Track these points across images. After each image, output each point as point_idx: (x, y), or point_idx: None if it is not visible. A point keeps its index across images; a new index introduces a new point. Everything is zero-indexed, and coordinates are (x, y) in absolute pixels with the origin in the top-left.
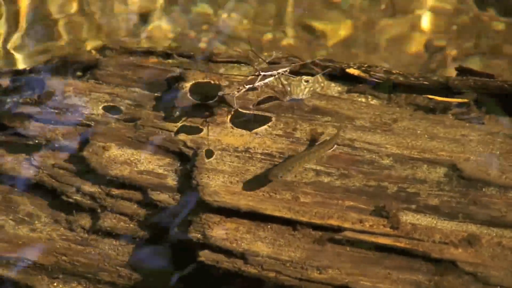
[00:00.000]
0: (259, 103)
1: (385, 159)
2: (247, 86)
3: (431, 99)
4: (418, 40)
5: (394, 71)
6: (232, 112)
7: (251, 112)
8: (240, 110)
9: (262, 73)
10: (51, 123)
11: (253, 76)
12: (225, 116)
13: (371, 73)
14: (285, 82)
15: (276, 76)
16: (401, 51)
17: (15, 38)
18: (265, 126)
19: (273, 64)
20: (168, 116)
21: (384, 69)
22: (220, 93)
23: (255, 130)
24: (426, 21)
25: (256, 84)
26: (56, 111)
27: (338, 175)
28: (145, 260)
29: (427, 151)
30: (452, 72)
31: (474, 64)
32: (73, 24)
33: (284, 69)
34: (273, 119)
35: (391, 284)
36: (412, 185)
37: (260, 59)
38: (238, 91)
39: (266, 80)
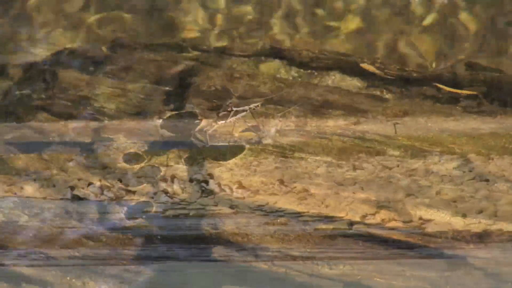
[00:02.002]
0: None
1: (396, 151)
2: (219, 122)
3: (439, 89)
4: None
5: (407, 68)
6: (205, 148)
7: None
8: (213, 145)
9: (234, 109)
10: (63, 116)
11: (225, 112)
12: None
13: (385, 70)
14: (257, 117)
15: (248, 111)
16: None
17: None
18: (277, 121)
19: (245, 99)
20: (178, 109)
21: (397, 67)
22: (192, 131)
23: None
24: None
25: (228, 120)
26: (69, 104)
27: (349, 166)
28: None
29: (438, 144)
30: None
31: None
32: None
33: (256, 104)
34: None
35: (404, 282)
36: (425, 178)
37: (232, 94)
38: (210, 127)
39: (238, 116)
